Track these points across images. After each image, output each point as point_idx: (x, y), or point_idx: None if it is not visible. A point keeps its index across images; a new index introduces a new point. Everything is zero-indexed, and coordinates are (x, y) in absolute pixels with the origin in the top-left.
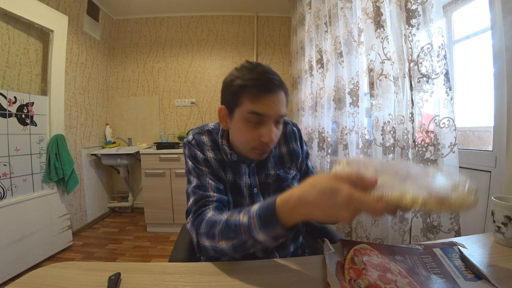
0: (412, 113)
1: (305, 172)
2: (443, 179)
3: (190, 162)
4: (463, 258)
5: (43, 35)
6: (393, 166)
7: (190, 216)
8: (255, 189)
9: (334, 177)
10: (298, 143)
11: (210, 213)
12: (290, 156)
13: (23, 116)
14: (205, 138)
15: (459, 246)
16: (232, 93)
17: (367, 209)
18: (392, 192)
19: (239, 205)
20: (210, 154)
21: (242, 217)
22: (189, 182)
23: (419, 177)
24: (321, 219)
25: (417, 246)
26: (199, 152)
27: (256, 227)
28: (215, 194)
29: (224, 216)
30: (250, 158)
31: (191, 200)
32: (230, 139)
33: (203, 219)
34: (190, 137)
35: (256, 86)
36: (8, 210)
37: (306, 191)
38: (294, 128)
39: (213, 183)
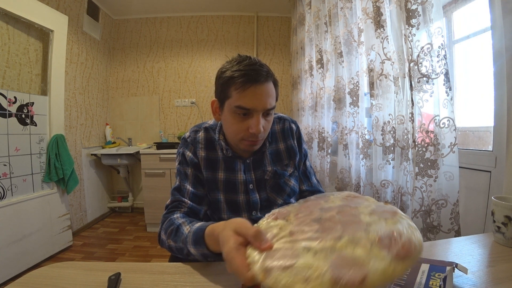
0: (412, 113)
1: (303, 172)
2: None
3: (178, 162)
4: (446, 280)
5: (43, 35)
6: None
7: (165, 212)
8: (251, 185)
9: (235, 228)
10: (296, 142)
11: (176, 215)
12: (287, 153)
13: (23, 116)
14: (200, 136)
15: (457, 268)
16: (221, 85)
17: (235, 272)
18: (267, 265)
19: (233, 202)
20: (202, 153)
21: (187, 229)
22: (175, 181)
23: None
24: None
25: None
26: (188, 152)
27: (189, 241)
28: (188, 201)
29: (181, 221)
30: (241, 150)
31: (170, 199)
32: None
33: (169, 217)
34: (187, 134)
35: (242, 77)
36: (8, 210)
37: (222, 231)
38: (293, 125)
39: (190, 189)
